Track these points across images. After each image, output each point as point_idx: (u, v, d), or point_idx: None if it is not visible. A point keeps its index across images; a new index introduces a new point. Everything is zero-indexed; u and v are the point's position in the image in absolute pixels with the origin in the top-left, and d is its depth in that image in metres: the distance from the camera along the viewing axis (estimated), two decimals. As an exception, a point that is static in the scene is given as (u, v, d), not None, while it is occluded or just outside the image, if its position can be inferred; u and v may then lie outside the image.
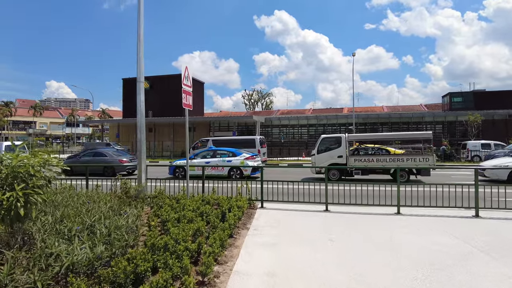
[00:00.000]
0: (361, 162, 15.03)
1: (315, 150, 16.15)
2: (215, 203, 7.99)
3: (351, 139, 15.75)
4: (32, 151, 4.21)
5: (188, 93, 8.51)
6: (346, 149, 15.34)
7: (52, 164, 4.09)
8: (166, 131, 40.90)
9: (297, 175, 16.95)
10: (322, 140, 16.25)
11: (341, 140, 15.53)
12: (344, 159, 15.29)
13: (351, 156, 15.27)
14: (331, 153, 15.61)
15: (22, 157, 3.79)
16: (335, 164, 15.29)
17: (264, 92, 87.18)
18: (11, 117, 71.92)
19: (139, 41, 8.74)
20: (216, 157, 17.05)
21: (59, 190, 7.60)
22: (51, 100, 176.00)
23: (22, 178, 3.71)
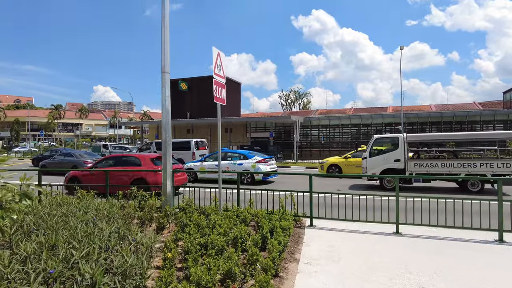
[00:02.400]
0: (422, 167, 12.56)
1: (366, 153, 13.80)
2: (252, 219, 6.44)
3: (411, 140, 13.25)
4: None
5: (220, 85, 7.03)
6: (404, 152, 12.92)
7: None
8: (203, 132, 40.23)
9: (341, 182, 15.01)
10: (376, 141, 13.86)
11: (398, 141, 13.08)
12: (402, 163, 12.87)
13: (410, 160, 12.90)
14: (386, 156, 13.26)
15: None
16: (390, 169, 13.03)
17: (301, 92, 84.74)
18: (60, 119, 75.85)
19: (163, 26, 7.42)
20: (227, 159, 15.93)
21: (71, 200, 6.44)
22: (97, 103, 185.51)
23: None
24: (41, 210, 5.30)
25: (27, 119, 69.34)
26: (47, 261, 3.11)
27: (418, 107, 52.79)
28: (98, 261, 3.17)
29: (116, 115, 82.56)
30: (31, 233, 4.19)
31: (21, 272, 2.99)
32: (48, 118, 72.88)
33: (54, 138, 74.91)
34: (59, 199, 6.61)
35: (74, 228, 4.25)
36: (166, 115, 7.46)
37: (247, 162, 15.48)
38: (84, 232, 4.06)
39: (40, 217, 4.85)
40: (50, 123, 72.82)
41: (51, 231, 4.08)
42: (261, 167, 15.10)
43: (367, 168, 13.52)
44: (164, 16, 7.40)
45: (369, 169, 13.43)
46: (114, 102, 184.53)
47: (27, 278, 2.84)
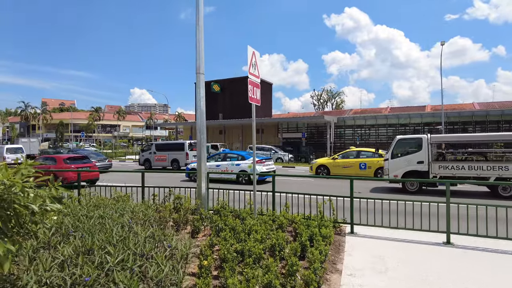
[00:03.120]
0: (448, 169, 11.84)
1: (388, 154, 13.26)
2: (288, 225, 6.15)
3: (436, 140, 12.56)
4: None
5: (255, 85, 6.82)
6: (428, 153, 12.24)
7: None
8: (235, 133, 40.50)
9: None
10: (398, 142, 13.26)
11: (421, 142, 12.45)
12: (425, 165, 12.24)
13: (435, 162, 12.18)
14: (409, 157, 12.69)
15: None
16: (413, 171, 12.49)
17: (334, 91, 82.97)
18: (100, 121, 79.62)
19: (198, 28, 7.33)
20: (226, 160, 16.93)
21: (108, 202, 6.49)
22: (134, 105, 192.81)
23: None
24: (79, 212, 5.34)
25: (70, 121, 73.46)
26: (83, 266, 3.03)
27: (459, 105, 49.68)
28: (133, 269, 3.04)
29: (152, 116, 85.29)
30: (69, 235, 4.18)
31: (58, 277, 2.93)
32: (88, 120, 76.73)
33: (94, 139, 78.66)
34: (95, 200, 6.70)
35: (110, 231, 4.19)
36: (201, 116, 7.36)
37: (244, 163, 16.14)
38: (120, 237, 3.98)
39: (78, 219, 4.87)
40: (90, 125, 76.60)
41: (87, 234, 4.04)
42: (257, 167, 15.19)
43: (388, 170, 12.99)
44: (198, 18, 7.31)
45: (390, 171, 12.89)
46: (150, 104, 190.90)
47: (64, 286, 2.76)
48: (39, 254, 3.57)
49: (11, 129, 75.74)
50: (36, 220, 2.62)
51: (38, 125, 73.11)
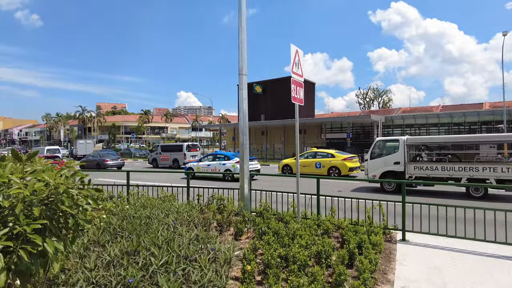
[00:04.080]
0: (422, 170, 12.22)
1: (368, 155, 13.85)
2: (335, 230, 5.87)
3: (411, 142, 12.94)
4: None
5: (298, 84, 6.62)
6: (404, 154, 12.65)
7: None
8: (277, 134, 40.32)
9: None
10: (377, 143, 13.98)
11: (398, 143, 13.00)
12: (401, 166, 12.67)
13: (410, 163, 12.54)
14: (387, 158, 13.16)
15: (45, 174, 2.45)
16: (390, 171, 12.92)
17: (380, 89, 79.39)
18: (149, 123, 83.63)
19: (240, 29, 7.29)
20: (216, 160, 18.99)
21: (155, 201, 6.65)
22: (181, 108, 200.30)
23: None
24: (127, 211, 5.51)
25: (121, 123, 77.96)
26: (128, 268, 3.05)
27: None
28: (177, 273, 3.01)
29: (197, 118, 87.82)
30: (117, 235, 4.30)
31: (104, 277, 2.99)
32: (138, 122, 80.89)
33: (143, 140, 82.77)
34: (143, 200, 6.90)
35: (155, 232, 4.24)
36: (243, 117, 7.31)
37: (229, 163, 18.07)
38: (165, 238, 4.00)
39: (125, 219, 5.02)
40: (140, 127, 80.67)
41: (134, 234, 4.12)
42: (238, 166, 16.38)
43: (368, 170, 13.59)
44: (241, 20, 7.26)
45: (370, 171, 13.49)
46: (195, 107, 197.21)
47: (109, 285, 2.79)
48: (89, 252, 3.69)
49: (71, 131, 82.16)
50: (83, 220, 2.67)
51: (93, 127, 78.63)
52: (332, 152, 19.19)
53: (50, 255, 2.28)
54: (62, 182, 2.30)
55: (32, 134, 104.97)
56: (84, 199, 2.60)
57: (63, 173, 2.48)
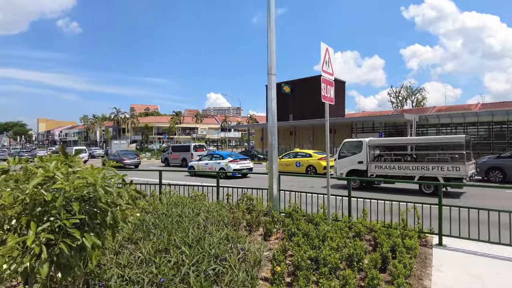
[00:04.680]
0: (382, 169, 13.35)
1: (336, 155, 15.14)
2: (367, 232, 5.71)
3: (373, 143, 14.20)
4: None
5: (328, 83, 6.51)
6: (367, 154, 13.73)
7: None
8: (306, 134, 39.93)
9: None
10: (344, 144, 15.24)
11: (361, 144, 14.09)
12: (364, 165, 13.78)
13: (371, 162, 13.71)
14: (352, 158, 14.31)
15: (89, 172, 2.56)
16: (355, 170, 14.03)
17: (414, 88, 76.32)
18: (180, 124, 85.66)
19: (269, 29, 7.28)
20: (212, 159, 20.62)
21: (186, 200, 6.78)
22: (210, 109, 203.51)
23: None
24: (159, 210, 5.66)
25: (154, 124, 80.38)
26: (160, 266, 3.13)
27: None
28: (207, 272, 3.04)
29: (226, 119, 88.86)
30: (149, 233, 4.43)
31: (137, 274, 3.07)
32: (170, 123, 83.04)
33: (175, 140, 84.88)
34: (174, 198, 7.06)
35: (186, 231, 4.32)
36: (272, 117, 7.29)
37: (223, 162, 19.60)
38: (195, 237, 4.06)
39: (158, 217, 5.15)
40: (172, 128, 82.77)
41: (166, 232, 4.22)
42: (231, 165, 19.14)
43: (336, 169, 14.73)
44: (270, 20, 7.25)
45: (338, 170, 14.64)
46: (224, 108, 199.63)
47: (142, 283, 2.87)
48: (123, 248, 3.82)
49: (106, 132, 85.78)
50: (118, 217, 2.76)
51: (127, 128, 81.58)
52: (310, 152, 21.04)
53: (88, 249, 2.38)
54: (100, 180, 2.39)
55: (71, 135, 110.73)
56: (123, 198, 2.69)
57: (102, 172, 2.58)
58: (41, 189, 2.28)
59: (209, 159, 21.03)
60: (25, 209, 2.29)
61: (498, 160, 15.98)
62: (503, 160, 15.63)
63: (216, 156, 21.20)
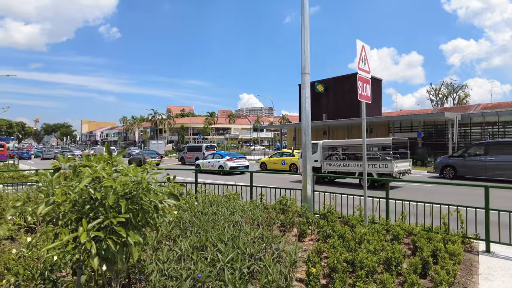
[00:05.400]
0: (331, 166, 16.12)
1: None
2: (405, 236, 5.50)
3: (325, 145, 16.90)
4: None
5: (365, 81, 6.34)
6: (320, 154, 16.41)
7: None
8: (340, 133, 39.11)
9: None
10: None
11: (317, 145, 16.54)
12: (319, 163, 16.40)
13: (324, 161, 16.42)
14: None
15: (136, 171, 2.69)
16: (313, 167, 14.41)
17: (455, 85, 72.22)
18: (214, 125, 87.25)
19: (303, 27, 7.23)
20: (214, 158, 23.74)
21: (221, 199, 6.90)
22: (243, 109, 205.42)
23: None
24: (195, 208, 5.80)
25: (189, 125, 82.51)
26: (197, 262, 3.21)
27: None
28: (242, 270, 3.08)
29: (259, 119, 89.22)
30: (186, 230, 4.55)
31: (175, 270, 3.17)
32: (204, 124, 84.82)
33: (209, 140, 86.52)
34: (210, 197, 7.20)
35: (222, 229, 4.39)
36: (306, 117, 7.23)
37: (222, 160, 22.53)
38: (230, 235, 4.12)
39: (194, 215, 5.28)
40: (206, 128, 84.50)
41: (202, 230, 4.32)
42: (228, 163, 21.92)
43: (299, 167, 17.63)
44: (304, 18, 7.20)
45: (300, 167, 15.85)
46: (257, 108, 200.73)
47: (180, 278, 2.96)
48: (161, 245, 3.96)
49: (144, 132, 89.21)
50: (158, 215, 2.87)
51: (164, 129, 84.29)
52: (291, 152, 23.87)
53: (131, 246, 2.49)
54: (144, 178, 2.51)
55: (111, 135, 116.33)
56: (165, 195, 2.79)
57: (145, 171, 2.69)
58: (89, 187, 2.42)
59: (212, 158, 24.12)
60: (75, 206, 2.44)
61: (450, 159, 17.83)
62: (454, 159, 17.47)
63: (217, 155, 24.20)
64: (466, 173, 16.55)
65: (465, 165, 16.72)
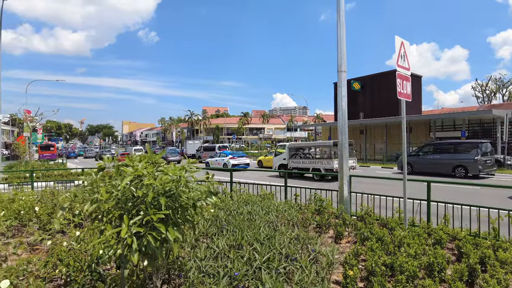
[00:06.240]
0: (295, 163, 19.66)
1: (273, 154, 22.82)
2: (449, 241, 5.21)
3: (290, 146, 20.61)
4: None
5: (404, 78, 6.09)
6: (288, 153, 20.12)
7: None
8: (378, 133, 37.85)
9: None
10: (277, 146, 23.45)
11: (285, 146, 20.82)
12: (286, 161, 20.11)
13: (290, 159, 19.97)
14: (281, 156, 21.18)
15: (174, 169, 2.78)
16: (282, 164, 20.67)
17: (505, 80, 67.11)
18: (247, 125, 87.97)
19: (339, 24, 7.09)
20: (220, 157, 26.98)
21: (255, 198, 6.94)
22: (277, 109, 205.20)
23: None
24: (231, 207, 5.88)
25: (224, 125, 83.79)
26: (234, 261, 3.25)
27: None
28: (279, 270, 3.08)
29: (292, 119, 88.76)
30: (222, 229, 4.63)
31: (213, 267, 3.24)
32: (238, 124, 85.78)
33: (243, 140, 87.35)
34: (244, 196, 7.27)
35: (257, 229, 4.42)
36: (343, 115, 7.08)
37: (226, 158, 25.72)
38: (266, 235, 4.13)
39: (229, 214, 5.36)
40: (240, 128, 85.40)
41: (237, 229, 4.37)
42: (231, 161, 25.02)
43: (274, 163, 21.67)
44: (340, 15, 7.06)
45: (274, 164, 21.62)
46: (290, 108, 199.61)
47: (217, 276, 3.01)
48: (199, 243, 4.06)
49: (181, 133, 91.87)
50: (197, 212, 2.95)
51: (200, 129, 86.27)
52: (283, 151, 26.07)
53: (171, 242, 2.58)
54: (183, 176, 2.59)
55: (150, 135, 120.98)
56: (203, 194, 2.85)
57: (184, 169, 2.78)
58: (131, 185, 2.54)
59: (218, 156, 27.58)
60: (118, 204, 2.57)
61: (408, 157, 19.74)
62: (410, 157, 20.10)
63: (222, 154, 27.58)
64: (420, 169, 19.52)
65: (419, 162, 19.87)
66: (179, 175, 2.68)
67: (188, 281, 3.04)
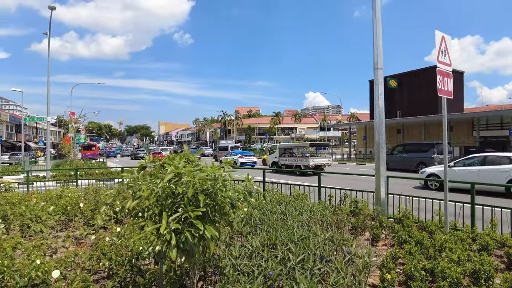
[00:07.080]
0: (284, 161, 23.58)
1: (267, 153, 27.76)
2: (497, 247, 4.90)
3: (281, 147, 25.39)
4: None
5: (445, 75, 5.81)
6: (278, 153, 24.49)
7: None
8: (416, 132, 36.27)
9: None
10: (271, 146, 28.81)
11: (276, 147, 25.59)
12: (277, 159, 24.16)
13: (279, 157, 24.12)
14: (274, 154, 25.16)
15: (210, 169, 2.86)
16: (274, 162, 24.58)
17: (562, 74, 61.58)
18: (279, 124, 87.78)
19: (375, 21, 6.89)
20: (231, 155, 30.74)
21: (288, 199, 6.92)
22: (309, 108, 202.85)
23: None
24: (264, 206, 5.90)
25: (256, 125, 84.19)
26: (268, 260, 3.26)
27: None
28: (313, 271, 3.05)
29: (325, 118, 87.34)
30: (256, 228, 4.66)
31: (247, 266, 3.27)
32: (270, 124, 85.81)
33: (275, 140, 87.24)
34: (277, 196, 7.27)
35: (291, 229, 4.40)
36: (379, 114, 6.87)
37: (235, 157, 28.96)
38: (300, 235, 4.11)
39: (263, 213, 5.38)
40: (272, 128, 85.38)
41: (271, 228, 4.38)
42: (239, 159, 28.29)
43: (268, 161, 26.03)
44: (375, 11, 6.86)
45: (268, 162, 25.94)
46: (323, 107, 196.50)
47: (252, 274, 3.04)
48: (233, 241, 4.11)
49: (214, 133, 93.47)
50: (234, 211, 2.99)
51: (233, 129, 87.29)
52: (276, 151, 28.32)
53: (208, 239, 2.64)
54: (221, 175, 2.65)
55: (185, 135, 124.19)
56: (240, 193, 2.90)
57: (222, 169, 2.84)
58: (171, 183, 2.63)
59: (230, 155, 31.16)
60: (158, 201, 2.67)
61: None
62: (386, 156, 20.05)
63: (233, 153, 31.70)
64: (393, 166, 21.86)
65: (392, 160, 22.29)
66: (217, 173, 2.73)
67: (224, 278, 3.09)
